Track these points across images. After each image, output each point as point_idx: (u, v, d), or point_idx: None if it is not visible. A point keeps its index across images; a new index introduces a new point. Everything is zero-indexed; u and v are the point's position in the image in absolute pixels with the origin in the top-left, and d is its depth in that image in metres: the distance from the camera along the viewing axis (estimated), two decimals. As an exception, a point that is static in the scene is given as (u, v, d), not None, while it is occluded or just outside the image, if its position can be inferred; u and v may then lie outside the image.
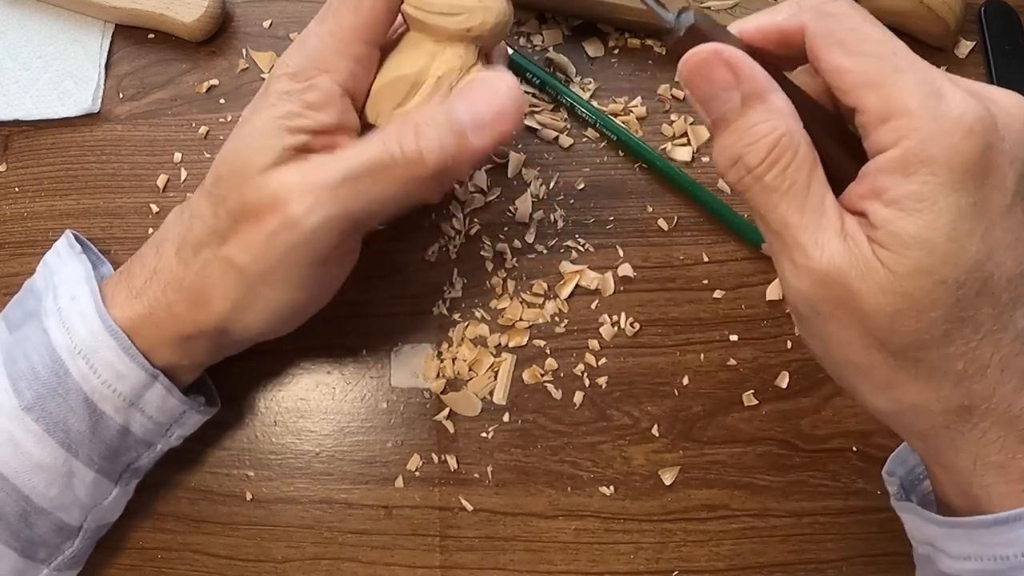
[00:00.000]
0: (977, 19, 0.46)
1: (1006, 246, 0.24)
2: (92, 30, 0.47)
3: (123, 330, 0.32)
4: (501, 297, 0.42)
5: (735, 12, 0.43)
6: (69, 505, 0.34)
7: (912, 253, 0.24)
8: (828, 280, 0.25)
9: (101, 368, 0.32)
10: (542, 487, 0.40)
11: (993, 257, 0.24)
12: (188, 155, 0.44)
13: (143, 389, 0.33)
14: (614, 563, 0.39)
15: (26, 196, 0.44)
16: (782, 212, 0.25)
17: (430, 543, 0.39)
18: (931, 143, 0.23)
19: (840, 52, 0.25)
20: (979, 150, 0.23)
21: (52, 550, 0.35)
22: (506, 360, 0.41)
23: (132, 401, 0.33)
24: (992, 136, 0.23)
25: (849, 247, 0.24)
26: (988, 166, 0.23)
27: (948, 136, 0.23)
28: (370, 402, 0.41)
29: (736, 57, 0.25)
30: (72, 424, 0.32)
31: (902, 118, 0.24)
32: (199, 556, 0.39)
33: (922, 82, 0.24)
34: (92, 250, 0.39)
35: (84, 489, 0.34)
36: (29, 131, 0.45)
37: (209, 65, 0.46)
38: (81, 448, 0.33)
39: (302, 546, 0.39)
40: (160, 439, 0.36)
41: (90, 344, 0.32)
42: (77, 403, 0.32)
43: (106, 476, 0.35)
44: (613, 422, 0.40)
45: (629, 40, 0.46)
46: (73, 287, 0.34)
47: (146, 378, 0.33)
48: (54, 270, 0.36)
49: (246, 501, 0.40)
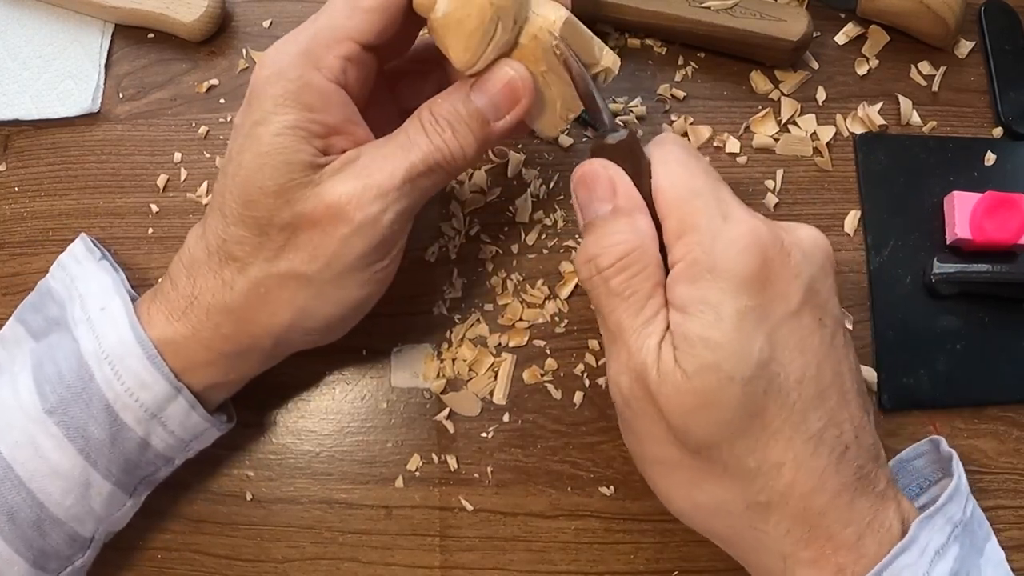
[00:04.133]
0: (977, 19, 0.46)
1: (791, 348, 0.27)
2: (92, 30, 0.47)
3: (157, 347, 0.32)
4: (501, 297, 0.42)
5: (735, 12, 0.43)
6: (84, 516, 0.33)
7: (699, 351, 0.26)
8: (639, 379, 0.28)
9: (125, 375, 0.32)
10: (542, 487, 0.40)
11: (777, 358, 0.27)
12: (188, 155, 0.44)
13: (166, 402, 0.33)
14: (614, 563, 0.39)
15: (26, 196, 0.44)
16: (618, 315, 0.28)
17: (430, 543, 0.39)
18: (714, 255, 0.27)
19: (660, 174, 0.29)
20: (757, 262, 0.27)
21: (63, 561, 0.34)
22: (506, 360, 0.41)
23: (154, 413, 0.33)
24: (772, 252, 0.27)
25: (660, 353, 0.27)
26: (769, 276, 0.27)
27: (728, 249, 0.27)
28: (370, 402, 0.41)
29: (619, 176, 0.30)
30: (92, 431, 0.32)
31: (692, 235, 0.27)
32: (199, 556, 0.39)
33: (714, 206, 0.28)
34: (108, 257, 0.39)
35: (100, 501, 0.34)
36: (29, 131, 0.45)
37: (209, 65, 0.46)
38: (100, 458, 0.33)
39: (302, 546, 0.39)
40: (179, 454, 0.36)
41: (117, 350, 0.32)
42: (98, 409, 0.32)
43: (122, 488, 0.34)
44: (613, 422, 0.40)
45: (629, 40, 0.46)
46: (102, 298, 0.34)
47: (170, 390, 0.33)
48: (75, 277, 0.36)
49: (246, 501, 0.40)
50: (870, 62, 0.45)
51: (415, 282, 0.42)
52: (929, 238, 0.42)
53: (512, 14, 0.29)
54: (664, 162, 0.29)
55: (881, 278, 0.42)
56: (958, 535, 0.29)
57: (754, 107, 0.44)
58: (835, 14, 0.46)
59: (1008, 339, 0.41)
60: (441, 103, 0.31)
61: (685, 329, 0.27)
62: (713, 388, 0.26)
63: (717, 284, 0.26)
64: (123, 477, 0.34)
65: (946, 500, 0.29)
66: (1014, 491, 0.40)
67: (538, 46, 0.30)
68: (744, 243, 0.27)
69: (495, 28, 0.29)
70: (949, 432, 0.40)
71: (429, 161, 0.31)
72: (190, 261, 0.33)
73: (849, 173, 0.44)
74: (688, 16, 0.43)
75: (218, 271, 0.32)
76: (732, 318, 0.26)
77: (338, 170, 0.30)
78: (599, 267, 0.29)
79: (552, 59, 0.31)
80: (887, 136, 0.44)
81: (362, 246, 0.31)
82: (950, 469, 0.32)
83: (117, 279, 0.35)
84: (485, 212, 0.43)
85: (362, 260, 0.31)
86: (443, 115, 0.31)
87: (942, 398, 0.40)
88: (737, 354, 0.26)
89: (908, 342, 0.41)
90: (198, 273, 0.32)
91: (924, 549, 0.27)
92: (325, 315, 0.33)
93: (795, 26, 0.42)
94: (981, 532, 0.30)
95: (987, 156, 0.44)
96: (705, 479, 0.28)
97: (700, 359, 0.26)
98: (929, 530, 0.28)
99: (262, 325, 0.32)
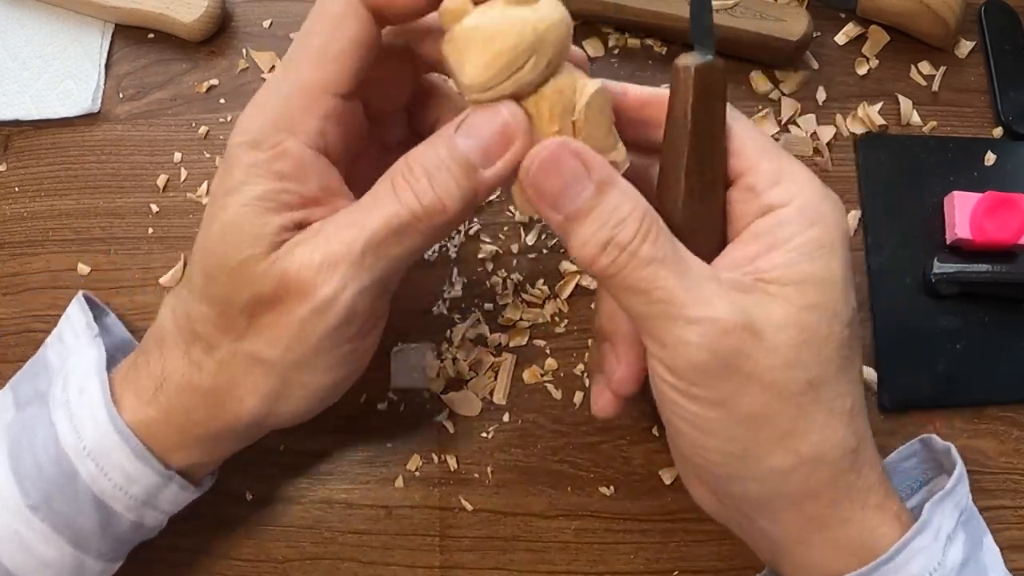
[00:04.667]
0: (977, 19, 0.46)
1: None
2: (92, 30, 0.47)
3: (135, 433, 0.30)
4: (501, 297, 0.42)
5: (735, 12, 0.43)
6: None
7: (811, 290, 0.26)
8: (729, 327, 0.25)
9: (112, 471, 0.30)
10: (542, 487, 0.40)
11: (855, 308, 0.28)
12: (188, 155, 0.44)
13: (157, 490, 0.31)
14: (614, 563, 0.39)
15: (26, 196, 0.44)
16: (662, 280, 0.26)
17: (430, 543, 0.39)
18: (822, 203, 0.27)
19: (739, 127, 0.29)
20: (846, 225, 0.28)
21: None
22: (506, 360, 0.41)
23: (146, 501, 0.31)
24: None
25: (739, 294, 0.26)
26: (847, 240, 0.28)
27: (834, 201, 0.28)
28: (370, 402, 0.41)
29: (582, 148, 0.26)
30: (82, 523, 0.31)
31: (792, 182, 0.27)
32: (199, 556, 0.39)
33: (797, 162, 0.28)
34: (103, 308, 0.39)
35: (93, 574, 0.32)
36: (29, 131, 0.45)
37: (209, 65, 0.46)
38: (91, 544, 0.31)
39: (302, 546, 0.39)
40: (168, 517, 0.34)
41: (100, 446, 0.30)
42: (86, 503, 0.30)
43: (115, 560, 0.33)
44: (613, 422, 0.40)
45: (629, 40, 0.46)
46: (83, 379, 0.32)
47: (160, 481, 0.31)
48: (70, 350, 0.35)
49: (246, 501, 0.40)
50: (870, 62, 0.45)
51: (415, 282, 0.42)
52: (929, 238, 0.42)
53: (549, 54, 0.26)
54: (734, 118, 0.29)
55: (881, 278, 0.42)
56: (964, 521, 0.29)
57: (754, 107, 0.44)
58: (835, 14, 0.46)
59: (1008, 339, 0.41)
60: (419, 149, 0.27)
61: (801, 269, 0.26)
62: (824, 324, 0.26)
63: (829, 233, 0.27)
64: (116, 552, 0.33)
65: (954, 484, 0.29)
66: (1014, 491, 0.40)
67: (559, 101, 0.26)
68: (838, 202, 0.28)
69: (526, 60, 0.25)
70: (949, 432, 0.40)
71: (394, 224, 0.26)
72: (160, 335, 0.31)
73: (849, 173, 0.44)
74: (688, 16, 0.43)
75: (186, 350, 0.30)
76: (844, 263, 0.27)
77: (298, 243, 0.27)
78: (622, 244, 0.25)
79: (567, 124, 0.27)
80: (887, 136, 0.44)
81: (323, 327, 0.27)
82: (944, 466, 0.32)
83: (102, 355, 0.33)
84: (485, 212, 0.43)
85: (326, 342, 0.28)
86: (420, 163, 0.27)
87: (942, 398, 0.40)
88: (844, 296, 0.27)
89: (908, 342, 0.41)
90: (167, 349, 0.30)
91: (937, 532, 0.28)
92: (294, 403, 0.30)
93: (795, 26, 0.42)
94: (980, 525, 0.31)
95: (987, 156, 0.44)
96: (807, 426, 0.26)
97: (812, 297, 0.26)
98: (940, 514, 0.28)
99: (231, 411, 0.30)
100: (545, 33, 0.25)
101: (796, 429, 0.26)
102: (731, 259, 0.28)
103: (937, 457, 0.34)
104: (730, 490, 0.29)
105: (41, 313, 0.42)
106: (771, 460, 0.27)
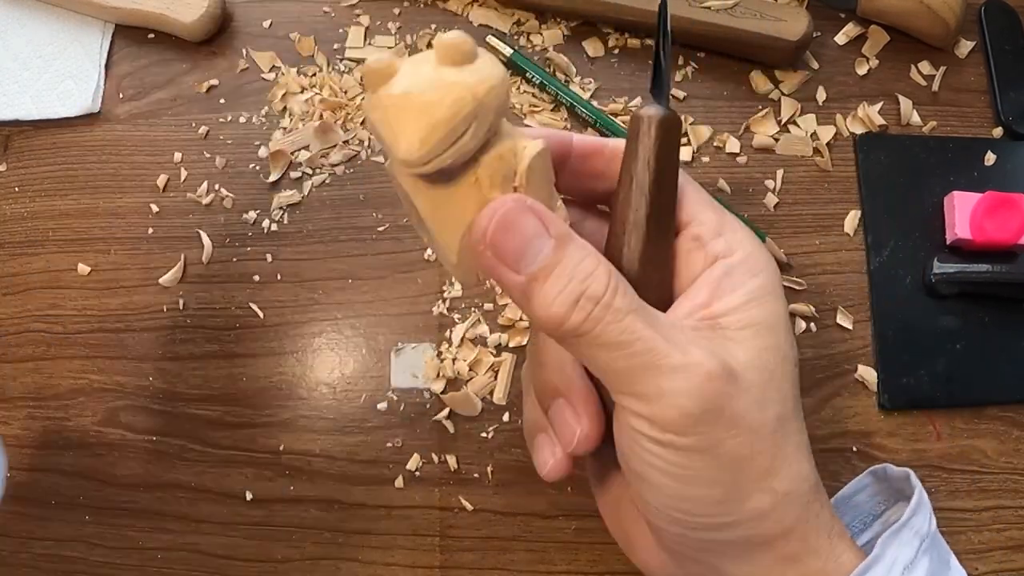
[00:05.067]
0: (977, 19, 0.46)
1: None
2: (92, 30, 0.47)
3: None
4: (501, 297, 0.42)
5: (735, 12, 0.43)
6: None
7: (764, 332, 0.27)
8: (712, 372, 0.26)
9: None
10: (542, 487, 0.40)
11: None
12: (188, 155, 0.44)
13: None
14: (614, 563, 0.39)
15: (26, 196, 0.44)
16: (640, 331, 0.25)
17: (430, 543, 0.39)
18: (760, 253, 0.29)
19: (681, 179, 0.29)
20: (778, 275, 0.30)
21: None
22: (506, 360, 0.41)
23: None
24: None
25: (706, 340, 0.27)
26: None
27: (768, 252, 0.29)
28: (370, 402, 0.41)
29: (536, 203, 0.25)
30: None
31: (732, 232, 0.29)
32: (199, 556, 0.39)
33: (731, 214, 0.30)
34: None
35: None
36: (29, 131, 0.45)
37: (209, 65, 0.46)
38: None
39: (302, 546, 0.39)
40: None
41: None
42: None
43: None
44: (613, 422, 0.40)
45: (629, 40, 0.46)
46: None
47: None
48: None
49: (246, 501, 0.40)
50: (870, 62, 0.45)
51: (415, 282, 0.42)
52: (929, 238, 0.42)
53: (490, 119, 0.24)
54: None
55: (881, 278, 0.42)
56: (927, 548, 0.28)
57: (754, 107, 0.44)
58: (835, 14, 0.46)
59: (1008, 339, 0.41)
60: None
61: (752, 314, 0.28)
62: (778, 364, 0.27)
63: (771, 280, 0.28)
64: None
65: (911, 514, 0.29)
66: (1014, 491, 0.40)
67: (499, 169, 0.25)
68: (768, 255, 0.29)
69: (467, 129, 0.23)
70: (949, 432, 0.40)
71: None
72: None
73: (849, 173, 0.44)
74: (688, 16, 0.43)
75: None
76: (783, 307, 0.29)
77: None
78: (595, 297, 0.25)
79: (508, 190, 0.25)
80: (887, 136, 0.44)
81: None
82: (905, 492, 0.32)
83: None
84: (485, 212, 0.43)
85: None
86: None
87: (942, 398, 0.40)
88: (788, 338, 0.28)
89: (908, 342, 0.41)
90: None
91: (892, 565, 0.27)
92: None
93: (795, 26, 0.42)
94: (944, 547, 0.30)
95: (987, 156, 0.44)
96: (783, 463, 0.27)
97: (764, 340, 0.27)
98: (896, 545, 0.28)
99: None
100: (485, 98, 0.23)
101: (773, 467, 0.27)
102: (686, 307, 0.28)
103: (894, 485, 0.33)
104: (703, 540, 0.28)
105: (41, 313, 0.42)
106: (751, 501, 0.27)
